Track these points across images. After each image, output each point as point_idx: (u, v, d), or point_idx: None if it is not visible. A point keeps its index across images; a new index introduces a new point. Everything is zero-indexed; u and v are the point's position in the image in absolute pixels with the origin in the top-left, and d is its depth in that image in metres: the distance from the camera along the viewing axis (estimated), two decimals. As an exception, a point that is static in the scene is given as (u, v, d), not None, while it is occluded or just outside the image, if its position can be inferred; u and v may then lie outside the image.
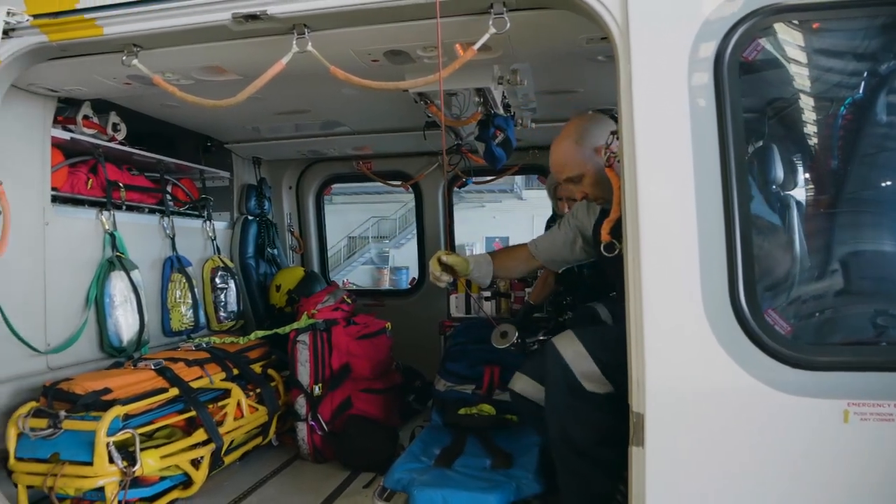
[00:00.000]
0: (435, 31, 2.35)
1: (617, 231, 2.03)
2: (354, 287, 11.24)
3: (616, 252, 2.09)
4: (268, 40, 2.40)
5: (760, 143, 1.88)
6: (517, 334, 2.83)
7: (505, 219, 24.92)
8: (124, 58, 2.46)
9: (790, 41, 1.87)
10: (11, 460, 2.53)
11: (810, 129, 1.93)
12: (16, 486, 2.55)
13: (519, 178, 24.48)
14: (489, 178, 5.16)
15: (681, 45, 1.83)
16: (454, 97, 3.25)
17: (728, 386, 1.73)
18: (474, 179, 4.89)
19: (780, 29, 1.84)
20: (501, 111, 3.36)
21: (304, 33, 2.30)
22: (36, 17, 2.39)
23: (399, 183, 5.21)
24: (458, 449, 2.84)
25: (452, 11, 2.23)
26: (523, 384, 2.63)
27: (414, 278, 5.65)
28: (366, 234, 27.81)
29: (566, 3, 2.04)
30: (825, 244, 1.88)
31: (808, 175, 1.91)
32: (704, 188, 1.78)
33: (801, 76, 1.91)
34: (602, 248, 2.15)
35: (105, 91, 3.12)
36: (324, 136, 4.40)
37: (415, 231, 5.49)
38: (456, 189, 5.28)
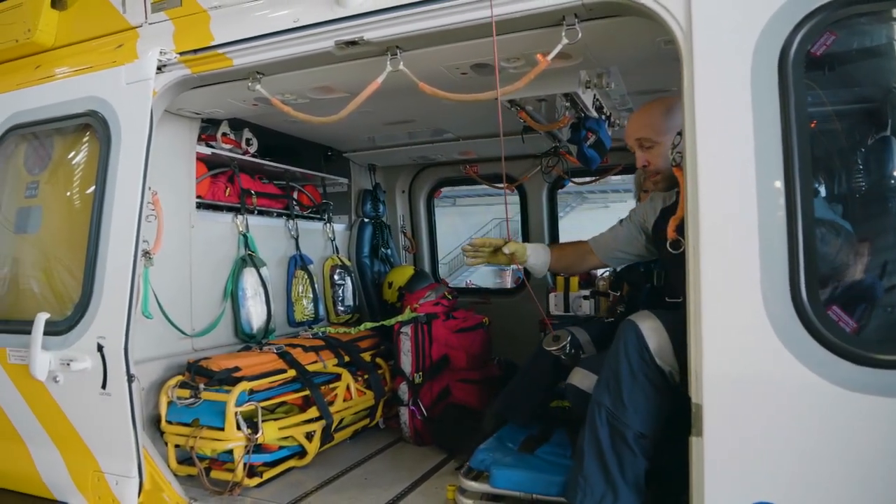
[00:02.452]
0: (516, 44, 2.55)
1: (682, 230, 2.08)
2: (475, 287, 11.58)
3: (681, 249, 2.14)
4: (367, 62, 2.69)
5: (828, 139, 1.87)
6: (569, 341, 2.79)
7: (630, 219, 24.07)
8: (249, 84, 2.86)
9: (861, 34, 1.85)
10: (163, 423, 3.03)
11: (884, 124, 1.88)
12: (166, 444, 3.04)
13: (644, 178, 23.60)
14: (590, 178, 5.21)
15: (744, 44, 1.87)
16: (544, 102, 3.39)
17: (786, 380, 1.75)
18: (573, 179, 4.94)
19: (850, 22, 1.82)
20: (594, 113, 3.44)
21: (396, 54, 2.57)
22: (182, 54, 2.86)
23: (504, 185, 5.38)
24: (543, 438, 2.96)
25: (529, 25, 2.40)
26: (582, 377, 2.61)
27: (519, 277, 5.80)
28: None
29: (632, 9, 2.14)
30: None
31: (877, 173, 1.86)
32: (766, 185, 1.81)
33: (871, 69, 1.87)
34: (668, 245, 2.20)
35: (238, 111, 3.60)
36: (431, 142, 4.69)
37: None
38: (578, 190, 5.36)
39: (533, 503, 2.47)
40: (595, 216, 24.41)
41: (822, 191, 1.86)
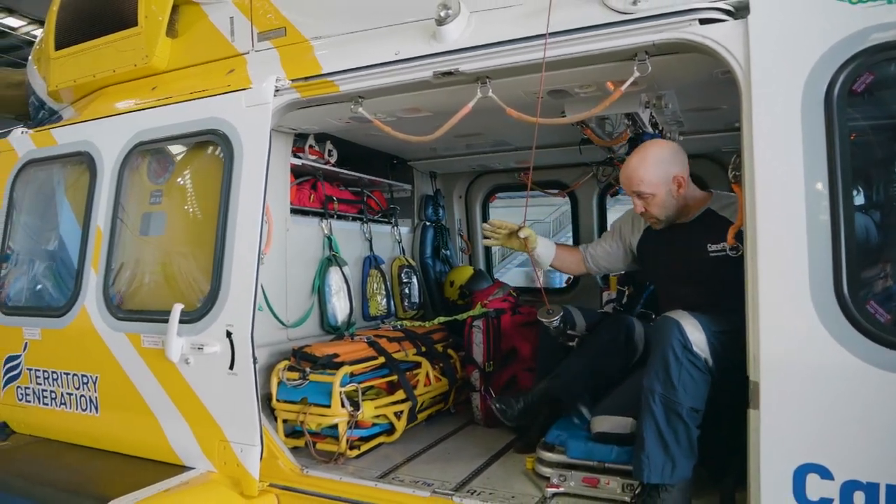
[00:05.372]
0: (590, 74, 2.93)
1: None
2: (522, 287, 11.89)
3: (740, 253, 2.50)
4: (457, 88, 3.09)
5: (867, 159, 2.22)
6: (560, 316, 3.11)
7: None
8: (352, 106, 3.28)
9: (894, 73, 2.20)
10: (274, 401, 3.48)
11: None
12: (276, 419, 3.49)
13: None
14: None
15: (796, 81, 2.23)
16: (606, 120, 3.77)
17: (830, 361, 2.11)
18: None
19: (886, 64, 2.17)
20: (649, 129, 3.80)
21: (486, 83, 2.97)
22: (293, 80, 3.30)
23: (556, 192, 5.76)
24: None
25: (605, 60, 2.77)
26: (601, 422, 2.91)
27: (570, 278, 6.15)
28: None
29: (696, 48, 2.50)
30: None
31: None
32: (813, 198, 2.17)
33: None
34: (728, 250, 2.56)
35: (328, 127, 4.04)
36: (491, 152, 5.08)
37: (568, 234, 5.94)
38: (621, 195, 5.69)
39: (605, 471, 2.85)
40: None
41: (862, 202, 2.21)
